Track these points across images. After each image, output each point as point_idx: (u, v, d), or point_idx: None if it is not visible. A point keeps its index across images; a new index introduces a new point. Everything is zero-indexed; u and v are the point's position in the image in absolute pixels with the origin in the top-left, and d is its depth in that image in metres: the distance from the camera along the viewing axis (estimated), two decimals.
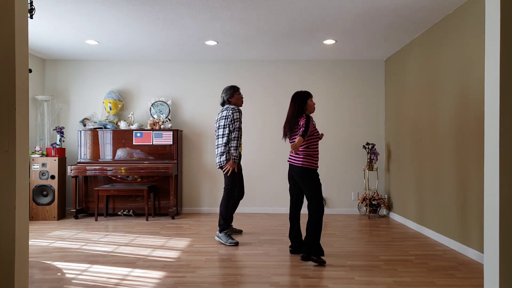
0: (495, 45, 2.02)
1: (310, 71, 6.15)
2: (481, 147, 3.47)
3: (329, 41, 5.12)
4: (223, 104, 4.35)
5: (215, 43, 5.21)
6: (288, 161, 3.76)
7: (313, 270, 3.30)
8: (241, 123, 4.19)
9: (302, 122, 3.52)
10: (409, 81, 5.16)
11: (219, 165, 4.26)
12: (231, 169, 4.18)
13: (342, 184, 6.11)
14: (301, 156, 3.58)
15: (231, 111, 4.18)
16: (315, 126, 3.64)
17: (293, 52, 5.70)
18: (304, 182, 3.60)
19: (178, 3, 3.87)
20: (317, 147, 3.65)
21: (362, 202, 5.75)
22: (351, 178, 6.10)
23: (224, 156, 4.20)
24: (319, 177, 3.74)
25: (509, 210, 1.99)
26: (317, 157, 3.63)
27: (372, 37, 4.93)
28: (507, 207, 1.99)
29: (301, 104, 3.63)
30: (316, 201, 3.54)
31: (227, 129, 4.17)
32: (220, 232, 4.22)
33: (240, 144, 4.26)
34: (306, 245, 3.53)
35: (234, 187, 4.25)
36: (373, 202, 5.70)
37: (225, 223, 4.21)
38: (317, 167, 3.63)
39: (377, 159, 5.82)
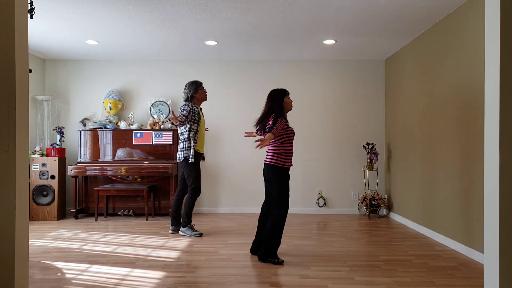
0: (495, 45, 2.02)
1: (310, 71, 6.15)
2: (481, 147, 3.47)
3: (329, 41, 5.12)
4: (186, 101, 4.56)
5: (215, 43, 5.21)
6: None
7: (313, 270, 3.30)
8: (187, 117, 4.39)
9: (270, 120, 3.52)
10: (409, 81, 5.16)
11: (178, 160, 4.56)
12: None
13: (342, 184, 6.11)
14: (271, 154, 3.55)
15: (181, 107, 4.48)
16: (287, 124, 3.57)
17: (293, 52, 5.70)
18: (271, 180, 3.55)
19: (178, 3, 3.87)
20: (291, 146, 3.59)
21: (362, 202, 5.75)
22: (351, 178, 6.10)
23: (182, 153, 4.48)
24: (289, 176, 3.63)
25: (509, 210, 1.98)
26: (290, 156, 3.58)
27: (372, 37, 4.93)
28: (507, 207, 1.98)
29: (278, 102, 3.58)
30: (281, 201, 3.50)
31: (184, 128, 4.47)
32: (183, 227, 4.55)
33: (196, 141, 4.49)
34: (264, 246, 3.52)
35: (198, 185, 4.51)
36: (373, 202, 5.70)
37: (188, 220, 4.52)
38: (289, 165, 3.57)
39: (377, 159, 5.82)
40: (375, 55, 5.88)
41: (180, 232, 4.58)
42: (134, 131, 5.78)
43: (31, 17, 2.60)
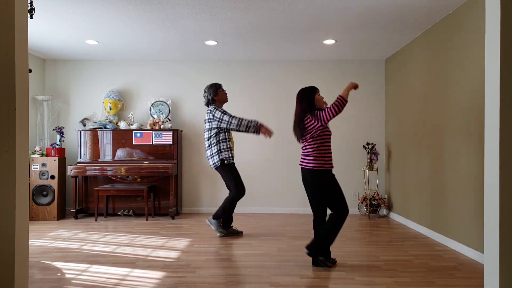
0: (495, 45, 2.02)
1: (310, 71, 6.15)
2: (482, 146, 3.46)
3: (329, 41, 5.12)
4: (207, 104, 4.53)
5: (215, 43, 5.21)
6: (300, 164, 3.49)
7: (313, 270, 3.30)
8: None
9: (309, 120, 3.31)
10: (409, 81, 5.16)
11: (214, 166, 4.44)
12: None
13: (342, 184, 6.00)
14: (312, 158, 3.33)
15: (211, 112, 4.40)
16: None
17: (293, 52, 5.70)
18: (318, 187, 3.36)
19: (178, 3, 3.87)
20: (330, 146, 3.37)
21: (362, 202, 5.75)
22: (351, 178, 6.10)
23: (218, 156, 4.38)
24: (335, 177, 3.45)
25: (509, 210, 1.98)
26: (330, 157, 3.37)
27: (372, 37, 4.93)
28: (507, 207, 1.98)
29: (309, 100, 3.40)
30: (341, 205, 3.34)
31: (213, 130, 4.39)
32: (213, 218, 4.47)
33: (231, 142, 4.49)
34: (316, 246, 3.37)
35: (241, 184, 4.44)
36: (373, 202, 5.70)
37: (225, 219, 4.46)
38: (331, 167, 3.37)
39: (377, 159, 5.82)
40: (375, 55, 5.88)
41: (207, 221, 4.52)
42: (134, 131, 5.78)
43: (31, 17, 2.60)
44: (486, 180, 2.10)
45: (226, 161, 4.38)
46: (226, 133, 4.45)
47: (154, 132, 5.76)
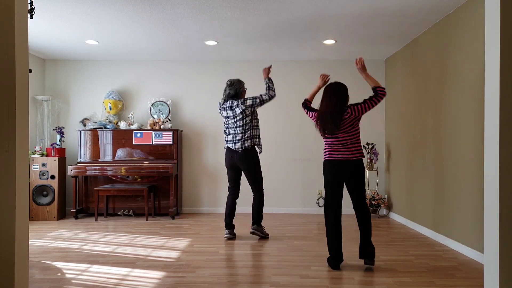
0: (495, 45, 2.03)
1: (310, 71, 6.14)
2: (481, 146, 3.46)
3: (329, 41, 5.12)
4: (233, 97, 4.30)
5: (215, 43, 5.21)
6: (341, 158, 3.30)
7: (313, 270, 3.30)
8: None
9: (348, 111, 3.27)
10: (409, 81, 5.16)
11: (241, 149, 4.24)
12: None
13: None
14: (358, 146, 3.32)
15: (242, 104, 4.26)
16: None
17: (293, 52, 5.70)
18: (361, 176, 3.35)
19: (178, 3, 3.87)
20: None
21: None
22: None
23: (250, 141, 4.26)
24: None
25: (509, 210, 1.99)
26: None
27: (372, 37, 4.93)
28: (507, 207, 1.99)
29: (345, 96, 3.37)
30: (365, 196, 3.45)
31: (248, 118, 4.27)
32: (258, 226, 4.43)
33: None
34: (371, 250, 3.29)
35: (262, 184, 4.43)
36: (373, 202, 5.70)
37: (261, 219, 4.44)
38: None
39: (377, 159, 5.82)
40: (375, 55, 5.88)
41: (253, 229, 4.41)
42: (134, 131, 5.78)
43: (31, 17, 2.60)
44: (486, 180, 2.10)
45: (258, 148, 4.36)
46: (257, 121, 4.39)
47: (154, 132, 5.76)
